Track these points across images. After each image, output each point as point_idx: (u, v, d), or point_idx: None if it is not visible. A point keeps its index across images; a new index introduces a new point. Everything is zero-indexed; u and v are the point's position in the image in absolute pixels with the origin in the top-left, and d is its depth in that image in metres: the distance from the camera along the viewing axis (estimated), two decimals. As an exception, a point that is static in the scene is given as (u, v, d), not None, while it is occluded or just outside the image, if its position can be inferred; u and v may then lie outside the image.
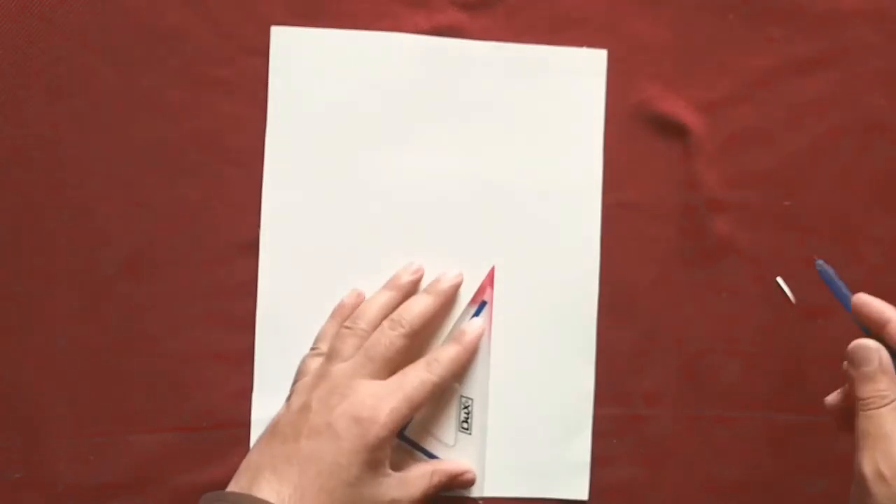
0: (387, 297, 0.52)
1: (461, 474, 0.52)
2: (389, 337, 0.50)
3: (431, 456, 0.52)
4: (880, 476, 0.44)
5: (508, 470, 0.53)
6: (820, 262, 0.50)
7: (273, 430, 0.48)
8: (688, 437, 0.54)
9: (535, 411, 0.53)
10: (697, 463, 0.54)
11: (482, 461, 0.52)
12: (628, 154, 0.54)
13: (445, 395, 0.52)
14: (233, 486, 0.47)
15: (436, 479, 0.50)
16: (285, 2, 0.53)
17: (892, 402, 0.45)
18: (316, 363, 0.51)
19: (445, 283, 0.52)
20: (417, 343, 0.51)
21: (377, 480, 0.47)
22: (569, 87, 0.54)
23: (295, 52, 0.53)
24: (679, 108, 0.54)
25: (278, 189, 0.53)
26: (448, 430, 0.53)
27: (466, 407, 0.52)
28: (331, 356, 0.50)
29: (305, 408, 0.48)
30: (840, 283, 0.49)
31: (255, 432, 0.52)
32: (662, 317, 0.54)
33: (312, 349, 0.52)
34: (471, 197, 0.54)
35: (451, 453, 0.53)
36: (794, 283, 0.54)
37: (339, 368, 0.49)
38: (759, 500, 0.54)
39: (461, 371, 0.52)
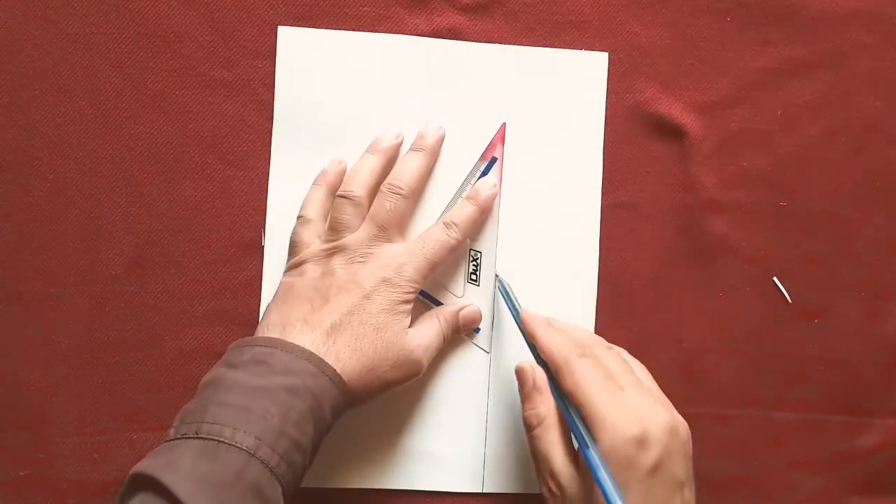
0: (372, 160, 0.52)
1: (462, 308, 0.53)
2: (392, 201, 0.50)
3: (437, 302, 0.54)
4: (552, 494, 0.45)
5: (505, 466, 0.53)
6: (498, 276, 0.52)
7: (287, 294, 0.49)
8: (685, 434, 0.54)
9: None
10: (694, 460, 0.54)
11: (491, 310, 0.54)
12: (626, 155, 0.54)
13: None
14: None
15: (443, 319, 0.52)
16: (287, 4, 0.53)
17: (544, 419, 0.46)
18: (308, 232, 0.51)
19: (431, 139, 0.53)
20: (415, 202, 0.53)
21: (403, 332, 0.48)
22: (570, 89, 0.54)
23: (301, 52, 0.53)
24: (677, 110, 0.54)
25: (283, 188, 0.53)
26: (458, 281, 0.54)
27: (475, 260, 0.53)
28: (335, 228, 0.50)
29: (328, 274, 0.49)
30: (512, 298, 0.51)
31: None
32: (660, 316, 0.55)
33: (299, 217, 0.52)
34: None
35: (461, 303, 0.54)
36: (789, 282, 0.55)
37: (352, 239, 0.50)
38: (756, 497, 0.55)
39: (476, 230, 0.53)
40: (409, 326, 0.49)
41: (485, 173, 0.53)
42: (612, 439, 0.42)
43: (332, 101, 0.53)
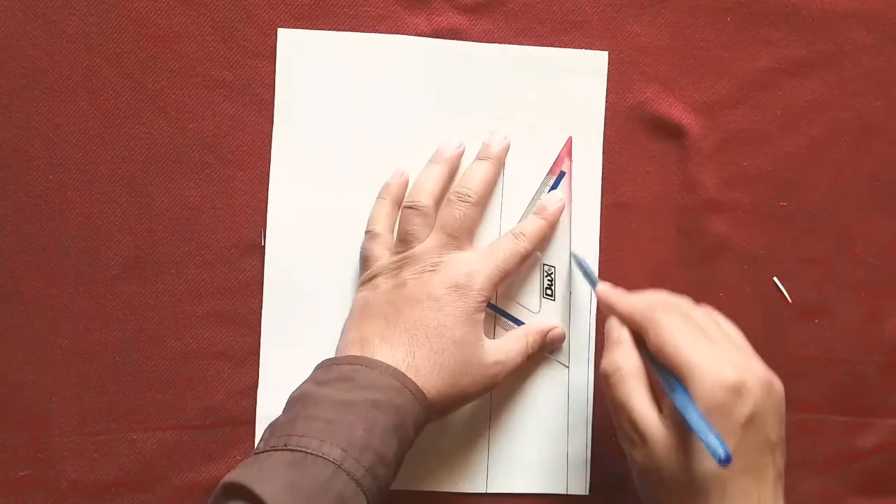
0: (437, 170, 0.52)
1: (550, 329, 0.53)
2: (461, 209, 0.50)
3: (518, 322, 0.53)
4: (633, 444, 0.44)
5: (510, 467, 0.53)
6: (574, 253, 0.52)
7: (363, 311, 0.50)
8: (685, 434, 0.54)
9: (536, 409, 0.54)
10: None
11: (567, 323, 0.54)
12: (626, 155, 0.55)
13: (528, 265, 0.53)
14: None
15: (531, 339, 0.52)
16: (287, 4, 0.53)
17: (621, 367, 0.45)
18: (378, 245, 0.51)
19: (496, 147, 0.53)
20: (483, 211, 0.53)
21: (479, 344, 0.49)
22: (570, 88, 0.54)
23: (301, 54, 0.53)
24: (677, 110, 0.54)
25: (284, 189, 0.53)
26: (533, 297, 0.54)
27: (549, 275, 0.53)
28: (404, 239, 0.51)
29: (399, 286, 0.49)
30: (589, 271, 0.51)
31: (260, 430, 0.52)
32: (660, 316, 0.55)
33: (367, 232, 0.52)
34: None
35: (537, 319, 0.54)
36: (790, 282, 0.55)
37: (422, 248, 0.50)
38: (756, 497, 0.55)
39: (544, 242, 0.53)
40: (492, 338, 0.50)
41: (554, 187, 0.54)
42: (706, 385, 0.41)
43: (333, 102, 0.53)
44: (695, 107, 0.54)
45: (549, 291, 0.54)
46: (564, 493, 0.54)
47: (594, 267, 0.54)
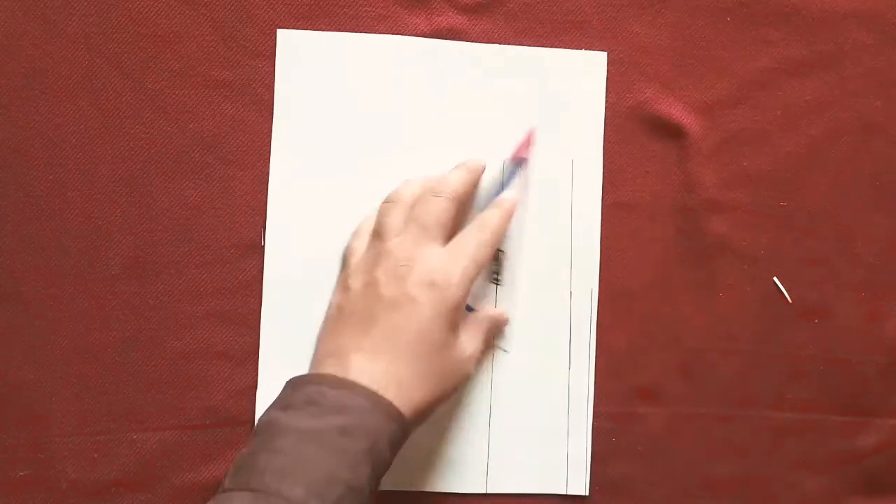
0: (420, 179, 0.52)
1: (498, 317, 0.52)
2: (436, 203, 0.49)
3: (469, 308, 0.52)
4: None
5: (509, 467, 0.53)
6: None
7: (338, 316, 0.48)
8: (686, 434, 0.54)
9: (536, 408, 0.54)
10: (695, 460, 0.54)
11: (513, 310, 0.53)
12: (626, 155, 0.55)
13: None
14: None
15: (488, 326, 0.51)
16: (287, 4, 0.53)
17: None
18: (359, 242, 0.51)
19: (472, 162, 0.52)
20: (462, 212, 0.51)
21: (457, 341, 0.48)
22: (569, 88, 0.54)
23: (300, 55, 0.53)
24: (677, 110, 0.54)
25: (283, 189, 0.53)
26: (481, 282, 0.53)
27: (498, 259, 0.53)
28: (379, 233, 0.49)
29: (371, 284, 0.47)
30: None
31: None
32: (660, 316, 0.55)
33: (354, 234, 0.52)
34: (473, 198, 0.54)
35: (485, 303, 0.53)
36: (790, 282, 0.55)
37: (396, 242, 0.48)
38: (756, 498, 0.55)
39: (504, 233, 0.52)
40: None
41: (513, 174, 0.53)
42: None
43: (333, 102, 0.53)
44: (695, 107, 0.54)
45: (496, 276, 0.53)
46: (564, 493, 0.54)
47: (595, 266, 0.54)
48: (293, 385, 0.46)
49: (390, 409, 0.44)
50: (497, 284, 0.53)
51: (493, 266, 0.53)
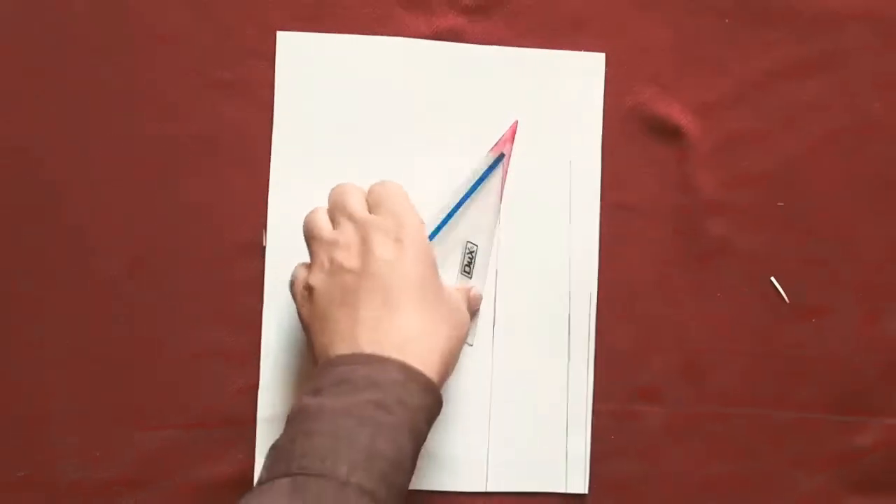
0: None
1: (469, 290, 0.52)
2: (347, 187, 0.48)
3: None
4: None
5: (509, 465, 0.53)
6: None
7: (320, 313, 0.45)
8: (685, 433, 0.54)
9: (535, 408, 0.54)
10: (694, 459, 0.54)
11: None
12: (625, 156, 0.55)
13: (452, 241, 0.53)
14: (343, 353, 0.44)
15: (463, 293, 0.51)
16: (288, 5, 0.53)
17: None
18: (301, 267, 0.48)
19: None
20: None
21: (446, 289, 0.47)
22: (568, 90, 0.54)
23: (301, 56, 0.53)
24: (676, 111, 0.54)
25: (283, 189, 0.53)
26: (451, 272, 0.53)
27: (471, 252, 0.53)
28: (314, 236, 0.47)
29: (336, 269, 0.45)
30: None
31: (261, 430, 0.52)
32: (660, 316, 0.55)
33: None
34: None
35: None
36: (789, 283, 0.55)
37: (339, 231, 0.46)
38: (755, 497, 0.55)
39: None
40: None
41: (493, 167, 0.53)
42: None
43: (333, 103, 0.53)
44: (694, 107, 0.55)
45: (467, 269, 0.53)
46: (563, 491, 0.54)
47: (594, 267, 0.54)
48: (320, 370, 0.43)
49: (422, 379, 0.42)
50: (467, 276, 0.53)
51: (466, 258, 0.53)
